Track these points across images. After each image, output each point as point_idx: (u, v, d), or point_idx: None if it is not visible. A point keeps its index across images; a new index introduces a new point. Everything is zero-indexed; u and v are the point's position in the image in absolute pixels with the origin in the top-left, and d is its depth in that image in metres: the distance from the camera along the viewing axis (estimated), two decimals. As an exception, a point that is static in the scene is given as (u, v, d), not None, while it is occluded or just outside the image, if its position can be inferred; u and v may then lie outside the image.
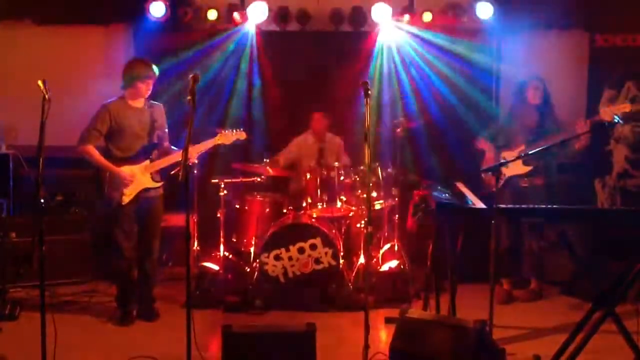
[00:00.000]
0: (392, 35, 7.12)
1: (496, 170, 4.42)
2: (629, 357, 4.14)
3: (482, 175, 5.86)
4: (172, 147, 5.49)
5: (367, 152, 4.27)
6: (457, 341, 3.74)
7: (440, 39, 7.03)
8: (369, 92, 4.29)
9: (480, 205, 4.42)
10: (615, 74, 6.63)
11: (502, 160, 5.80)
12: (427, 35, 7.04)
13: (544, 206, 4.31)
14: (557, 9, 6.79)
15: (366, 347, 4.21)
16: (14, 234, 6.17)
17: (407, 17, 6.94)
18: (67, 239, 6.33)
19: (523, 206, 4.68)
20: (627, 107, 4.74)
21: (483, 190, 4.84)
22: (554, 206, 4.22)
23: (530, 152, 5.15)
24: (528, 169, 5.75)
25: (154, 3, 6.78)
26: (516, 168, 5.70)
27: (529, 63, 6.74)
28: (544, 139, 5.57)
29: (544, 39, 7.01)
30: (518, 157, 5.29)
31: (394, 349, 3.89)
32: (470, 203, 4.52)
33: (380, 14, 6.84)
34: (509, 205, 4.45)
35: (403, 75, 7.12)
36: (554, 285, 6.29)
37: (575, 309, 5.56)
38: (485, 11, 6.79)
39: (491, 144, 6.02)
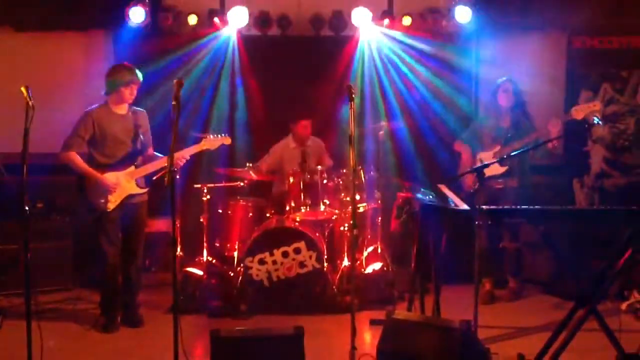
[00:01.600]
0: (373, 39, 7.18)
1: (480, 171, 4.47)
2: (611, 355, 4.21)
3: (459, 177, 5.92)
4: (156, 153, 5.48)
5: (351, 155, 4.31)
6: (444, 341, 3.78)
7: (419, 43, 7.09)
8: (353, 95, 4.33)
9: (463, 206, 4.47)
10: (592, 76, 6.76)
11: (479, 161, 5.88)
12: (407, 39, 7.11)
13: (526, 207, 4.37)
14: (535, 11, 6.91)
15: (353, 348, 4.24)
16: (-5, 242, 6.12)
17: (386, 21, 6.99)
18: (49, 246, 6.27)
19: (506, 207, 4.75)
20: (596, 106, 4.83)
21: (461, 192, 4.89)
22: (536, 207, 4.28)
23: (508, 154, 5.20)
24: (503, 169, 5.79)
25: (133, 8, 6.72)
26: (492, 169, 5.66)
27: (507, 65, 6.82)
28: (518, 139, 5.65)
29: (522, 42, 7.09)
30: (497, 160, 5.34)
31: (382, 350, 3.92)
32: (452, 205, 4.57)
33: (360, 18, 6.89)
34: (492, 207, 4.49)
35: (384, 79, 7.17)
36: (535, 285, 6.37)
37: (558, 308, 5.65)
38: (463, 15, 6.85)
39: (467, 147, 6.08)
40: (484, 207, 4.36)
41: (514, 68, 6.67)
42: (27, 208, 3.93)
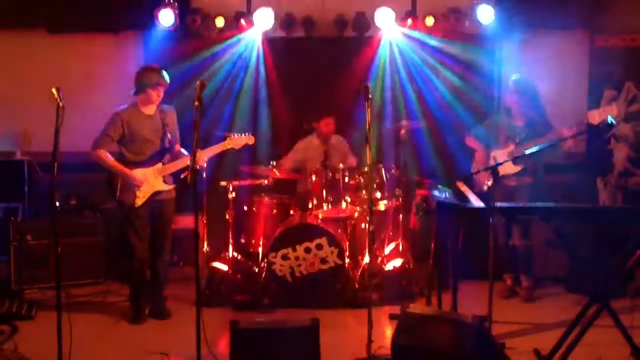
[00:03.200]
0: (395, 39, 7.27)
1: (494, 170, 4.54)
2: (626, 351, 4.25)
3: (474, 174, 5.97)
4: (183, 150, 5.63)
5: (368, 153, 4.43)
6: (457, 335, 3.86)
7: (442, 43, 7.16)
8: (370, 95, 4.45)
9: (480, 204, 4.55)
10: (615, 75, 6.75)
11: (492, 159, 5.93)
12: (429, 39, 7.18)
13: (539, 204, 4.43)
14: (557, 10, 6.91)
15: (369, 341, 4.35)
16: (29, 237, 6.33)
17: (409, 21, 7.07)
18: (81, 241, 6.47)
19: (521, 204, 4.81)
20: (614, 110, 4.84)
21: (475, 189, 4.96)
22: (549, 204, 4.35)
23: (522, 154, 5.22)
24: (518, 168, 5.80)
25: (162, 11, 6.90)
26: (506, 168, 5.75)
27: (529, 65, 6.84)
28: (532, 140, 5.68)
29: (544, 41, 7.09)
30: (511, 158, 5.38)
31: (396, 342, 4.02)
32: (469, 202, 4.65)
33: (384, 18, 6.99)
34: (507, 204, 4.56)
35: (406, 79, 7.24)
36: (553, 282, 6.40)
37: (576, 305, 5.66)
38: (485, 16, 6.89)
39: (481, 144, 6.13)
40: (499, 204, 4.44)
41: (536, 68, 6.69)
42: (57, 204, 4.07)
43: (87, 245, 6.53)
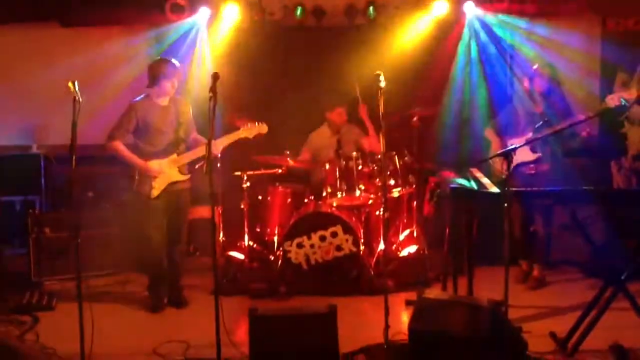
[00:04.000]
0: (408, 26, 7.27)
1: (507, 154, 4.53)
2: (642, 333, 4.30)
3: (491, 163, 5.96)
4: (200, 137, 5.65)
5: (381, 140, 4.46)
6: (472, 319, 3.89)
7: (453, 29, 7.17)
8: (381, 83, 4.47)
9: (494, 189, 4.56)
10: (627, 58, 6.70)
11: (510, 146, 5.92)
12: (440, 25, 7.20)
13: (553, 188, 4.44)
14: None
15: (386, 327, 4.39)
16: (48, 230, 6.40)
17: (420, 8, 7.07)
18: (99, 233, 6.52)
19: (535, 189, 4.81)
20: (632, 94, 4.80)
21: (492, 179, 4.96)
22: (564, 187, 4.35)
23: (539, 140, 5.19)
24: (536, 156, 5.79)
25: (172, 3, 6.96)
26: (524, 155, 5.74)
27: (541, 49, 6.82)
28: (550, 126, 5.67)
29: (556, 26, 7.07)
30: (526, 143, 5.37)
31: (413, 328, 4.05)
32: (484, 188, 4.66)
33: (394, 5, 7.00)
34: (521, 188, 4.57)
35: (417, 64, 7.22)
36: (572, 266, 6.41)
37: (592, 289, 5.64)
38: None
39: (496, 135, 6.10)
40: (513, 189, 4.45)
41: (549, 52, 6.67)
42: (76, 198, 4.13)
43: (104, 237, 6.58)
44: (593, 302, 4.36)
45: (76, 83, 4.14)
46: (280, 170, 6.52)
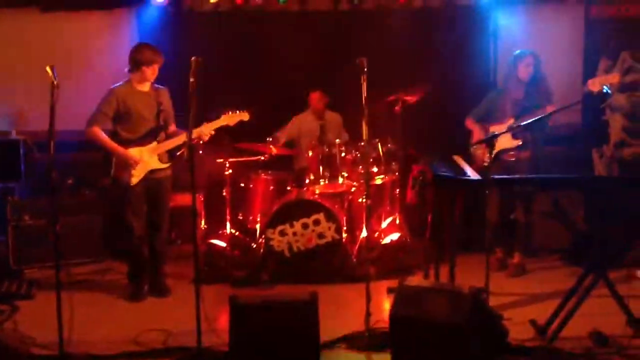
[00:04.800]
0: (389, 11, 7.23)
1: (489, 142, 4.52)
2: (622, 320, 4.31)
3: (472, 150, 5.97)
4: (177, 130, 5.62)
5: (365, 128, 4.44)
6: (453, 306, 3.88)
7: (435, 14, 7.14)
8: (365, 69, 4.43)
9: (476, 176, 4.56)
10: (611, 44, 6.72)
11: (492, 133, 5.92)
12: (425, 11, 7.17)
13: (535, 175, 4.45)
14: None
15: (367, 314, 4.40)
16: (27, 217, 6.34)
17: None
18: (79, 220, 6.48)
19: (516, 176, 4.81)
20: (615, 78, 4.80)
21: (474, 165, 4.95)
22: (545, 175, 4.36)
23: (521, 126, 5.18)
24: (517, 142, 5.77)
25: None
26: (505, 142, 5.72)
27: (525, 35, 6.84)
28: (532, 112, 5.67)
29: (540, 11, 7.11)
30: (508, 130, 5.36)
31: (394, 315, 4.05)
32: (466, 175, 4.65)
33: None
34: (503, 176, 4.57)
35: (401, 51, 7.17)
36: (552, 253, 6.44)
37: (572, 276, 5.67)
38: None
39: (477, 124, 6.08)
40: (495, 176, 4.45)
41: (532, 38, 6.69)
42: (54, 184, 4.08)
43: (84, 224, 6.54)
44: (573, 290, 4.38)
45: (54, 68, 4.08)
46: (263, 158, 6.49)
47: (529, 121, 5.00)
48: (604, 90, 4.64)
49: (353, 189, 6.27)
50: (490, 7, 7.17)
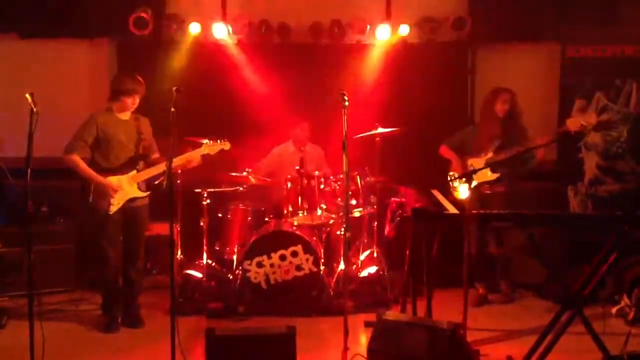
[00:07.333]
0: (371, 46, 7.31)
1: (469, 177, 4.57)
2: (598, 357, 4.30)
3: (450, 181, 6.03)
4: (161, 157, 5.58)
5: (345, 160, 4.45)
6: (431, 341, 3.89)
7: (417, 51, 7.24)
8: (346, 102, 4.47)
9: (455, 211, 4.59)
10: (586, 84, 6.87)
11: (470, 167, 5.99)
12: (404, 47, 7.26)
13: (513, 211, 4.48)
14: (530, 21, 7.05)
15: (345, 349, 4.36)
16: (0, 244, 6.24)
17: (385, 29, 7.11)
18: (53, 248, 6.37)
19: (494, 212, 4.85)
20: (592, 119, 4.90)
21: (450, 197, 5.00)
22: (522, 211, 4.40)
23: (499, 161, 5.25)
24: (496, 176, 5.87)
25: (136, 17, 6.86)
26: (484, 175, 5.84)
27: (502, 74, 6.96)
28: (509, 148, 5.76)
29: (517, 51, 7.26)
30: (487, 166, 5.43)
31: (372, 349, 4.04)
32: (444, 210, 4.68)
33: (359, 26, 7.03)
34: (481, 211, 4.61)
35: (382, 85, 7.24)
36: (528, 289, 6.47)
37: (549, 312, 5.72)
38: (459, 25, 7.02)
39: (454, 153, 6.18)
40: (474, 211, 4.48)
41: (509, 77, 6.81)
42: (29, 212, 4.04)
43: (58, 253, 6.43)
44: (550, 326, 4.39)
45: (33, 95, 4.06)
46: (241, 188, 6.46)
47: (509, 156, 5.06)
48: (584, 126, 4.72)
49: (331, 221, 6.27)
50: (468, 45, 7.27)
